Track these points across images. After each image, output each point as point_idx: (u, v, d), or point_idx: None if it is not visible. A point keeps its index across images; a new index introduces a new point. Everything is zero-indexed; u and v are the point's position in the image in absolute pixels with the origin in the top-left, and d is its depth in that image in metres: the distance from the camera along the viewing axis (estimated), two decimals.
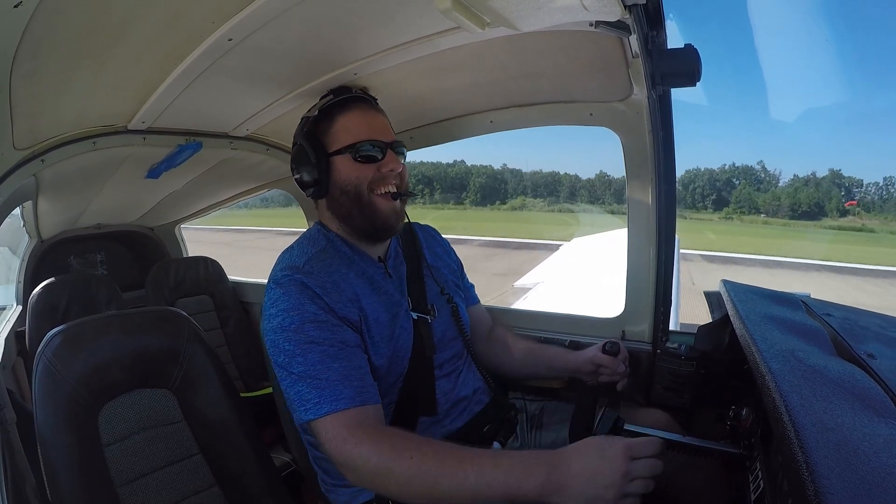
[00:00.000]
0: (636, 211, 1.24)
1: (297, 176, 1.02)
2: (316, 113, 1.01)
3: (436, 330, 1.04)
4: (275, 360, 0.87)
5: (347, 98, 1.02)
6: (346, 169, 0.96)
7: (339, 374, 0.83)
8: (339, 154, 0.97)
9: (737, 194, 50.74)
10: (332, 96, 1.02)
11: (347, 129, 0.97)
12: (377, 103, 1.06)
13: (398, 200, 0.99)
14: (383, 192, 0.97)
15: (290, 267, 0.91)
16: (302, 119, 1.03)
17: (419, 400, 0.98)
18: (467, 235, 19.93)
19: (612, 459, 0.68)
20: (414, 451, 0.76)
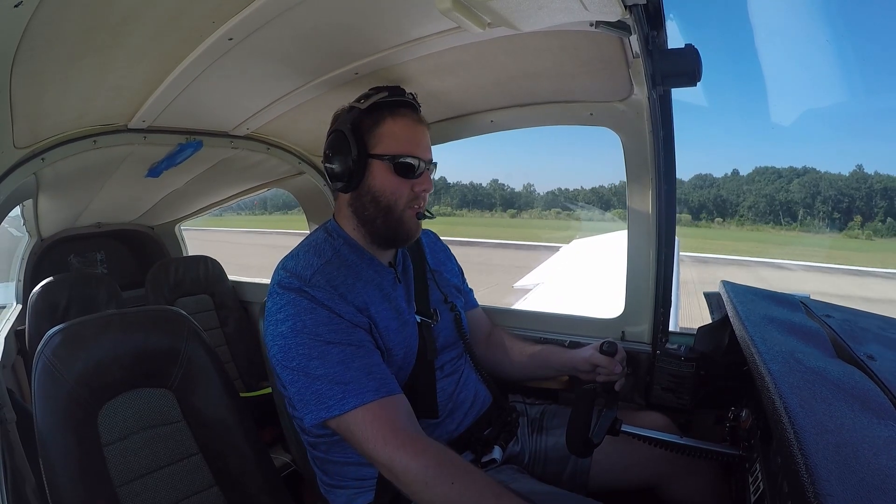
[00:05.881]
0: (636, 211, 1.24)
1: (330, 165, 0.97)
2: (366, 105, 0.95)
3: (438, 334, 1.04)
4: (286, 364, 0.86)
5: (399, 101, 0.98)
6: (382, 177, 0.94)
7: (360, 371, 0.84)
8: (379, 159, 0.94)
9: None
10: (386, 93, 0.97)
11: (394, 135, 0.94)
12: (421, 112, 1.02)
13: (420, 219, 0.98)
14: (411, 207, 0.96)
15: (296, 276, 0.89)
16: (350, 107, 0.97)
17: (420, 402, 0.98)
18: None
19: None
20: (456, 477, 0.77)
